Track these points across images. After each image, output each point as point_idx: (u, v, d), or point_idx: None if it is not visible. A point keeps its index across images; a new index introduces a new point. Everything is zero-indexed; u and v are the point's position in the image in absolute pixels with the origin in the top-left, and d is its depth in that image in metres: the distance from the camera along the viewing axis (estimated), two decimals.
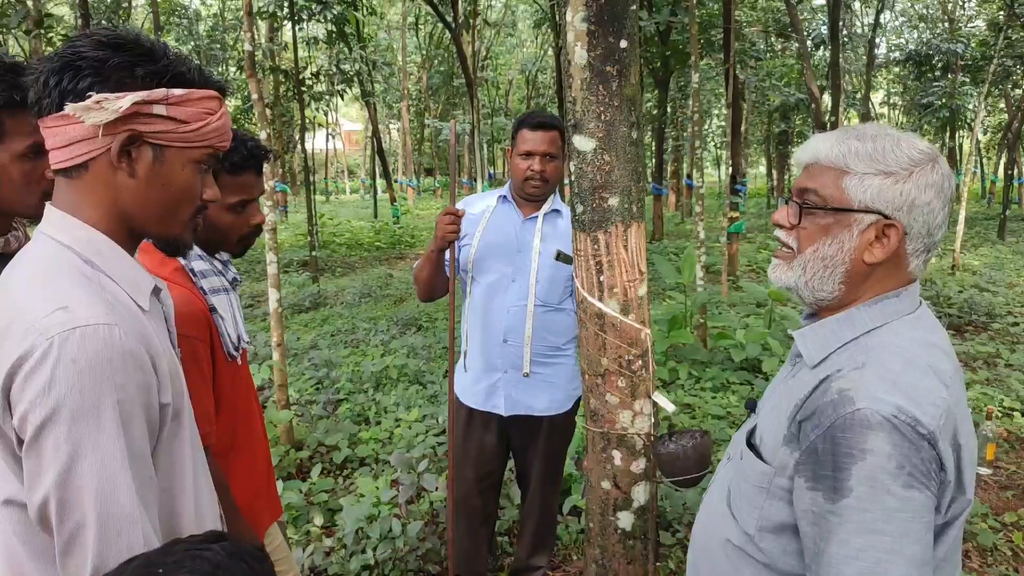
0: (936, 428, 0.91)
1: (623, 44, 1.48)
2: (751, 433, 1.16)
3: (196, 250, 1.45)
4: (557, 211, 2.30)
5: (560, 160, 2.23)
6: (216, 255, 1.52)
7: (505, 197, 2.33)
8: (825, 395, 0.97)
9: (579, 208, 1.58)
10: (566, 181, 1.99)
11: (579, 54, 1.50)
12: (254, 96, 3.98)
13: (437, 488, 3.04)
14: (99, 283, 0.90)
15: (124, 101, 0.88)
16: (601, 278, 1.58)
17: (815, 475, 0.96)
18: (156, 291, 1.02)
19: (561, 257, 2.20)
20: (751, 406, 1.25)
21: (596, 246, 1.57)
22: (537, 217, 2.27)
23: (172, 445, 0.95)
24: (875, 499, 0.90)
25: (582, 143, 1.54)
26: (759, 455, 1.09)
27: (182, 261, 1.41)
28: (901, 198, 0.99)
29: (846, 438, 0.92)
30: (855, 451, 0.92)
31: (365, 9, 11.66)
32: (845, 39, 14.30)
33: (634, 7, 1.51)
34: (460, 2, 10.26)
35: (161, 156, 0.94)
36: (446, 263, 2.28)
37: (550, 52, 21.15)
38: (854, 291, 1.05)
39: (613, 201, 1.54)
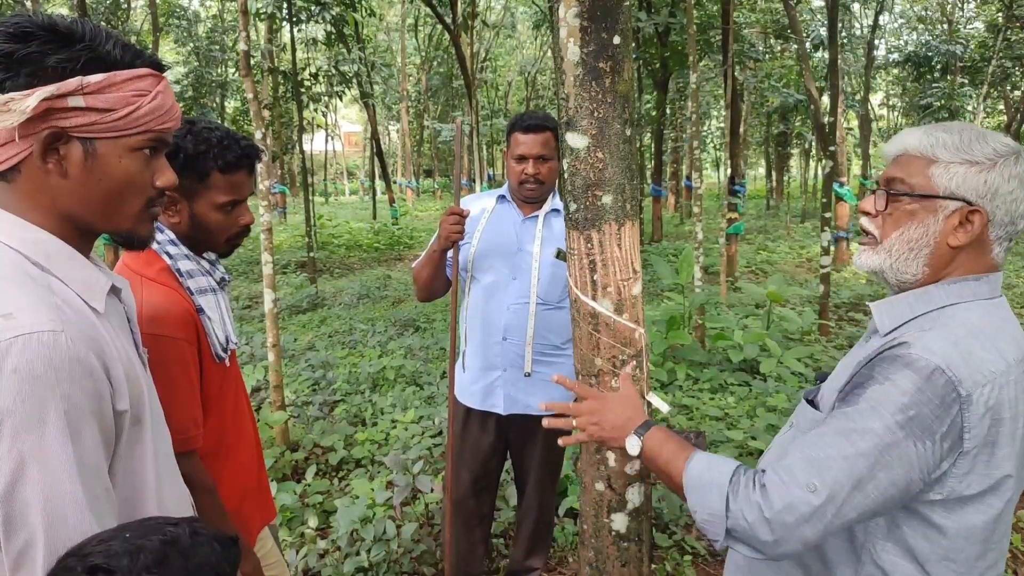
0: (974, 394, 0.97)
1: (616, 40, 1.47)
2: (813, 394, 1.24)
3: (182, 249, 1.42)
4: (557, 211, 2.29)
5: (555, 160, 2.22)
6: (204, 254, 1.50)
7: (504, 197, 2.33)
8: (887, 347, 1.06)
9: (572, 206, 1.56)
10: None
11: (572, 50, 1.48)
12: (249, 96, 3.97)
13: (432, 490, 3.02)
14: (47, 286, 0.85)
15: (31, 100, 0.80)
16: (595, 277, 1.56)
17: (843, 399, 1.06)
18: (115, 291, 0.98)
19: (561, 255, 2.20)
20: (821, 378, 1.31)
21: (589, 244, 1.55)
22: (537, 216, 2.27)
23: (132, 452, 0.91)
24: (866, 417, 0.99)
25: (575, 140, 1.52)
26: (816, 409, 1.19)
27: (168, 261, 1.38)
28: (985, 186, 1.05)
29: (882, 366, 1.02)
30: (880, 377, 1.01)
31: (364, 10, 11.64)
32: (844, 40, 14.30)
33: (628, 3, 1.49)
34: (459, 3, 10.24)
35: (92, 150, 0.87)
36: (447, 263, 2.27)
37: (549, 53, 21.14)
38: (937, 274, 1.11)
39: (606, 199, 1.52)
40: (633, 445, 1.24)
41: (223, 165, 1.40)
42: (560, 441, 1.32)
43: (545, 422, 1.37)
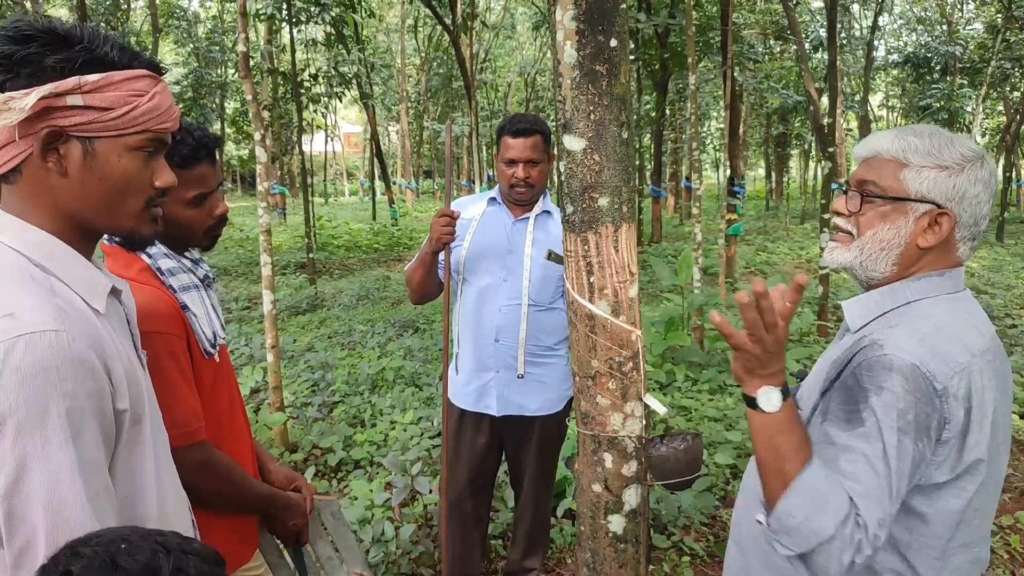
0: (949, 386, 1.02)
1: (613, 43, 1.47)
2: (793, 392, 1.25)
3: (162, 249, 1.42)
4: (548, 212, 2.30)
5: (546, 163, 2.23)
6: (186, 252, 1.50)
7: (495, 199, 2.34)
8: (858, 347, 1.10)
9: (569, 208, 1.57)
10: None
11: (568, 53, 1.48)
12: (248, 97, 3.98)
13: (431, 491, 3.02)
14: (50, 287, 0.86)
15: (30, 98, 0.82)
16: (591, 279, 1.56)
17: (830, 409, 1.08)
18: (116, 292, 0.98)
19: (552, 257, 2.21)
20: (802, 376, 1.34)
21: (586, 247, 1.56)
22: (528, 218, 2.28)
23: (132, 451, 0.92)
24: (880, 434, 1.01)
25: (572, 143, 1.52)
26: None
27: (147, 260, 1.38)
28: (954, 190, 1.10)
29: (869, 375, 1.04)
30: (872, 387, 1.03)
31: (363, 11, 11.65)
32: (843, 42, 14.30)
33: (624, 5, 1.49)
34: (459, 5, 10.25)
35: (92, 149, 0.88)
36: (440, 265, 2.27)
37: (548, 55, 21.13)
38: (904, 272, 1.15)
39: (603, 201, 1.53)
40: (772, 400, 1.04)
41: (180, 161, 1.38)
42: (717, 319, 1.02)
43: (715, 317, 1.04)
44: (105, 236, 1.30)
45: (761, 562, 1.25)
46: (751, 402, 1.05)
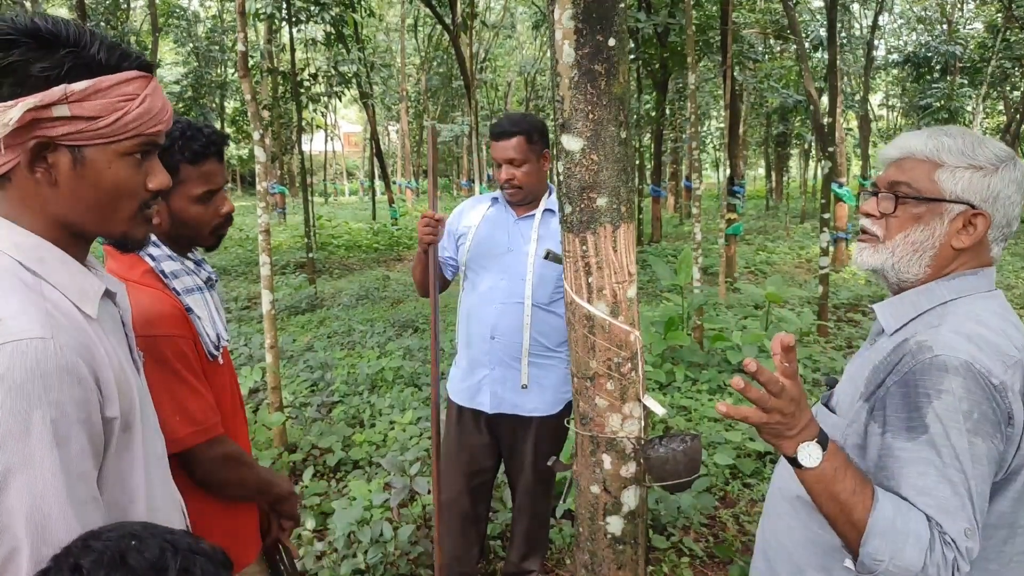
0: (1006, 380, 1.00)
1: (611, 42, 1.46)
2: (828, 399, 1.25)
3: (165, 251, 1.41)
4: (551, 211, 2.30)
5: (534, 162, 2.24)
6: (189, 254, 1.49)
7: (497, 199, 2.37)
8: (903, 350, 1.07)
9: (567, 209, 1.56)
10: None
11: (567, 52, 1.48)
12: (247, 97, 3.97)
13: (430, 491, 3.02)
14: (40, 292, 0.84)
15: (14, 112, 0.79)
16: (590, 280, 1.56)
17: (887, 419, 1.05)
18: (111, 295, 0.97)
19: (550, 256, 2.21)
20: (831, 383, 1.32)
21: (584, 247, 1.55)
22: (531, 217, 2.28)
23: (121, 459, 0.90)
24: (947, 439, 0.98)
25: (570, 143, 1.52)
26: (834, 413, 1.19)
27: (151, 263, 1.38)
28: (988, 190, 1.09)
29: (923, 380, 1.01)
30: (931, 391, 1.00)
31: (363, 11, 11.63)
32: (843, 41, 14.28)
33: (623, 5, 1.49)
34: (458, 4, 10.24)
35: (81, 158, 0.85)
36: (441, 261, 2.32)
37: (548, 54, 21.07)
38: (938, 273, 1.14)
39: (601, 201, 1.52)
40: (813, 455, 1.01)
41: (191, 156, 1.38)
42: (723, 409, 0.98)
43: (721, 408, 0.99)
44: None
45: (789, 572, 1.24)
46: (794, 462, 1.02)
